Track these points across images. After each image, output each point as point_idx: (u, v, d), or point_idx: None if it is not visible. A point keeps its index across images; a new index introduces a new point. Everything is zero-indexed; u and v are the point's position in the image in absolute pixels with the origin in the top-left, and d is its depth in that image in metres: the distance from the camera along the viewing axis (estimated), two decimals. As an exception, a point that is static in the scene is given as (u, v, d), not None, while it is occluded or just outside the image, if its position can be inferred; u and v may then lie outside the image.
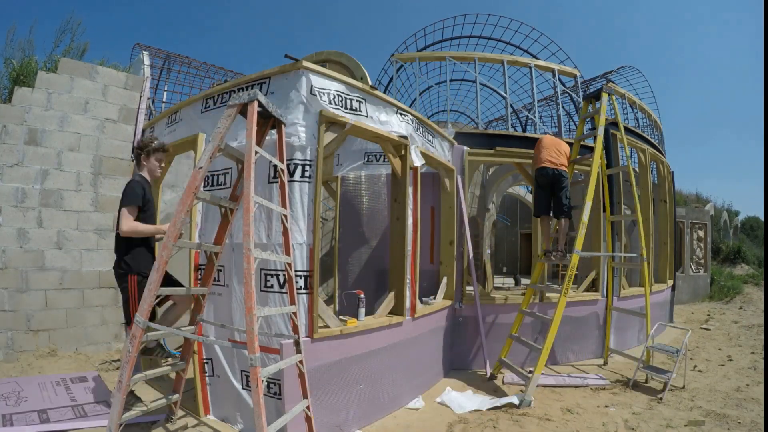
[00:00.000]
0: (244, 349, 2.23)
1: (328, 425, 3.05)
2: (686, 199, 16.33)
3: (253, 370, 2.13)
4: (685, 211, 11.65)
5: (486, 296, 5.36)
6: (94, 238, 4.64)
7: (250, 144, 2.44)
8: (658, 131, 8.80)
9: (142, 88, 5.13)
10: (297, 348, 2.74)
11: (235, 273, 3.21)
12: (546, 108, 10.74)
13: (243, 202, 2.38)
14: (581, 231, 4.52)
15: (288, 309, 2.73)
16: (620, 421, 3.57)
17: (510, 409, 3.81)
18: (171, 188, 5.53)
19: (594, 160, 4.75)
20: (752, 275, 12.42)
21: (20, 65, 5.14)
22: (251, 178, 2.39)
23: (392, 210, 4.04)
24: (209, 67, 8.49)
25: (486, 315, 5.08)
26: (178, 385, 3.13)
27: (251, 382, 2.16)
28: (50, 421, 2.96)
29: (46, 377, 3.70)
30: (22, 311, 4.18)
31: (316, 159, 3.06)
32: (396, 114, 3.86)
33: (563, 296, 4.32)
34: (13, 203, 4.22)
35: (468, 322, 5.03)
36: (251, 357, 2.14)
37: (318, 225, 3.07)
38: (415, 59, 7.08)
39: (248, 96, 2.54)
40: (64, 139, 4.53)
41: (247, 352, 2.16)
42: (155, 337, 2.73)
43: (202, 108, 3.68)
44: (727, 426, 3.49)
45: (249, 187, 2.37)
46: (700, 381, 4.67)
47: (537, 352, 4.22)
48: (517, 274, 13.03)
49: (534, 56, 8.11)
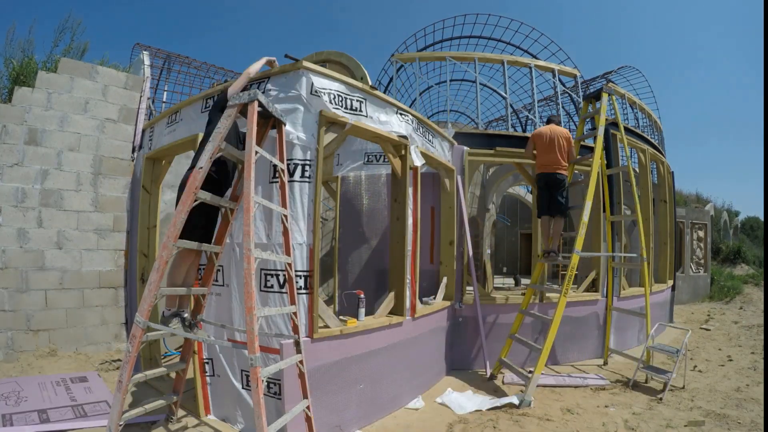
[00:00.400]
0: (244, 349, 2.23)
1: (328, 425, 3.05)
2: (686, 199, 16.32)
3: (253, 370, 2.13)
4: (685, 211, 11.65)
5: (486, 296, 5.36)
6: (94, 238, 4.64)
7: (251, 144, 2.44)
8: (658, 131, 8.80)
9: (142, 88, 5.13)
10: (297, 348, 2.74)
11: (234, 273, 3.21)
12: (546, 108, 10.73)
13: (243, 202, 2.38)
14: (581, 231, 4.53)
15: (288, 309, 2.73)
16: (620, 421, 3.57)
17: (510, 409, 3.81)
18: (171, 188, 5.53)
19: (594, 160, 4.76)
20: (752, 275, 12.41)
21: (20, 65, 5.14)
22: (251, 178, 2.39)
23: (392, 210, 4.04)
24: (209, 67, 8.49)
25: (486, 315, 5.08)
26: (178, 385, 3.13)
27: (251, 382, 2.16)
28: (50, 420, 2.97)
29: (46, 377, 3.70)
30: (22, 311, 4.17)
31: (316, 159, 3.06)
32: (396, 114, 3.86)
33: (563, 296, 4.32)
34: (13, 203, 4.22)
35: (468, 322, 5.03)
36: (251, 357, 2.14)
37: (318, 225, 3.08)
38: (415, 59, 7.08)
39: (248, 96, 2.55)
40: (64, 139, 4.53)
41: (248, 352, 2.16)
42: (155, 336, 2.73)
43: (202, 108, 3.68)
44: (727, 426, 3.49)
45: (249, 187, 2.37)
46: (700, 381, 4.67)
47: (537, 352, 4.22)
48: (517, 274, 13.02)
49: (534, 56, 8.12)
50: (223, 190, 2.93)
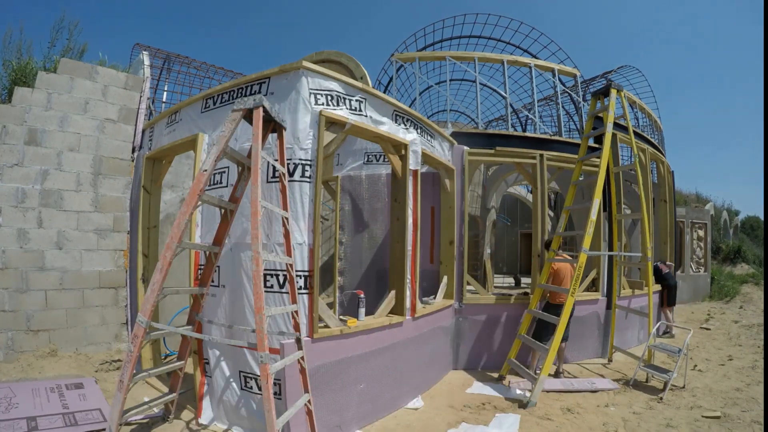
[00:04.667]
0: (242, 349, 2.24)
1: (328, 425, 3.05)
2: (686, 199, 16.31)
3: (263, 367, 2.17)
4: (685, 210, 11.65)
5: (486, 296, 5.35)
6: (94, 238, 4.64)
7: (257, 149, 2.46)
8: (658, 131, 8.79)
9: (142, 88, 5.12)
10: (299, 345, 2.77)
11: (232, 273, 3.21)
12: (546, 108, 10.72)
13: (250, 206, 2.40)
14: (589, 229, 4.48)
15: (290, 308, 2.74)
16: (620, 420, 3.57)
17: (511, 408, 3.81)
18: (171, 188, 5.53)
19: (602, 158, 4.70)
20: (752, 275, 12.40)
21: (19, 66, 5.13)
22: (258, 182, 2.41)
23: (392, 210, 4.04)
24: (209, 67, 8.49)
25: (487, 314, 5.07)
26: (174, 383, 3.14)
27: (261, 379, 2.21)
28: (38, 428, 2.92)
29: (41, 383, 3.64)
30: (22, 311, 4.17)
31: (316, 159, 3.06)
32: (394, 114, 3.86)
33: (571, 296, 4.30)
34: (13, 203, 4.22)
35: (468, 322, 5.03)
36: (261, 355, 2.18)
37: (318, 225, 3.07)
38: (415, 59, 7.07)
39: (254, 101, 2.56)
40: (64, 140, 4.53)
41: (257, 349, 2.21)
42: (157, 336, 2.73)
43: (202, 108, 3.68)
44: (728, 426, 3.48)
45: (256, 192, 2.39)
46: (700, 380, 4.67)
47: (542, 351, 4.20)
48: (517, 273, 13.03)
49: (534, 56, 8.10)
50: None
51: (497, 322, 5.14)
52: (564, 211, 5.28)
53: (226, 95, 3.47)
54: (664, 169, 7.92)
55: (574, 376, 4.83)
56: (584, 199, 6.22)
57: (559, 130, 7.00)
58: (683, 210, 11.59)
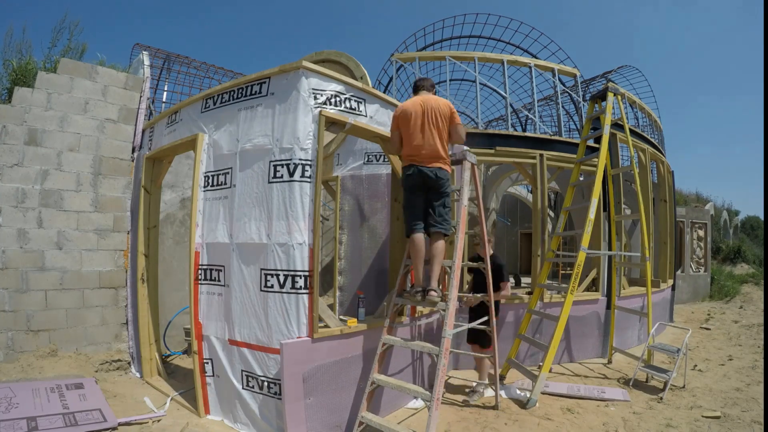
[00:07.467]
0: (244, 348, 2.23)
1: (328, 425, 3.05)
2: (686, 199, 16.32)
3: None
4: (685, 210, 11.64)
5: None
6: (94, 238, 4.64)
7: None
8: (658, 131, 8.80)
9: (142, 88, 5.12)
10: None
11: (234, 273, 3.21)
12: (546, 108, 10.73)
13: None
14: (588, 228, 4.50)
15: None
16: (620, 420, 3.57)
17: (510, 408, 3.81)
18: (171, 188, 5.53)
19: (600, 158, 4.73)
20: (752, 275, 12.40)
21: (19, 66, 5.13)
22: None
23: (392, 210, 4.05)
24: (209, 67, 8.48)
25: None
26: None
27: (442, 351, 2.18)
28: (38, 429, 2.92)
29: (41, 383, 3.64)
30: (22, 311, 4.17)
31: (316, 159, 3.06)
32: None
33: (570, 294, 4.30)
34: (13, 203, 4.22)
35: (468, 322, 5.02)
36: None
37: (318, 225, 3.07)
38: (415, 59, 7.08)
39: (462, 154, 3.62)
40: (64, 140, 4.52)
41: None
42: None
43: (202, 108, 3.68)
44: (728, 426, 3.48)
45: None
46: (700, 380, 4.67)
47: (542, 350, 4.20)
48: (518, 273, 13.01)
49: (534, 56, 8.11)
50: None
51: (500, 322, 5.12)
52: (563, 211, 5.28)
53: (226, 95, 3.47)
54: (664, 169, 7.93)
55: (576, 374, 4.83)
56: (584, 199, 6.22)
57: (559, 129, 7.01)
58: (683, 210, 11.59)
